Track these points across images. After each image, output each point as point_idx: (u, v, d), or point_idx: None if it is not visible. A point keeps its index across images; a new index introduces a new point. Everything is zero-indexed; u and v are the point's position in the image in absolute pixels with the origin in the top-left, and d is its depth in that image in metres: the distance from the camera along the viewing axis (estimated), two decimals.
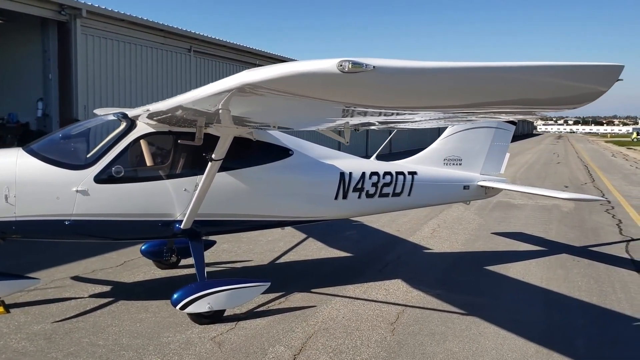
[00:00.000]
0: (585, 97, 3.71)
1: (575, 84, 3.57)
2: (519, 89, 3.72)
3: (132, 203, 6.49)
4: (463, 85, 3.68)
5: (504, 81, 3.60)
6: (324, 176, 7.64)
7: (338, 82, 3.52)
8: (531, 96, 3.95)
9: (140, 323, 6.34)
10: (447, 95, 3.93)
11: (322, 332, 6.19)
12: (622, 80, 3.42)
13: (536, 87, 3.68)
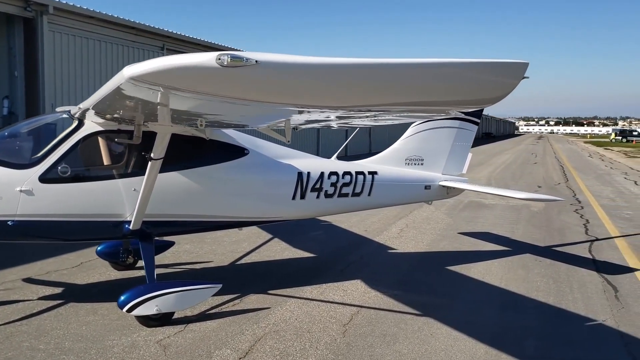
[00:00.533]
0: (491, 94, 3.64)
1: (481, 81, 3.50)
2: (416, 87, 3.63)
3: (79, 203, 6.33)
4: (356, 83, 3.57)
5: (398, 79, 3.52)
6: (281, 176, 7.54)
7: (218, 76, 3.43)
8: (430, 94, 3.87)
9: (86, 326, 6.19)
10: (339, 93, 3.81)
11: (272, 335, 6.10)
12: (528, 78, 3.37)
13: (438, 84, 3.59)
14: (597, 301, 7.49)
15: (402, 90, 3.66)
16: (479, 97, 3.72)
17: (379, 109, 4.28)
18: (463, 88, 3.59)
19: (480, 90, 3.58)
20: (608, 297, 7.70)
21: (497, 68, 3.37)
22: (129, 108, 4.77)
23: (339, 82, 3.51)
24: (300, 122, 5.75)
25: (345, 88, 3.63)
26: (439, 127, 9.18)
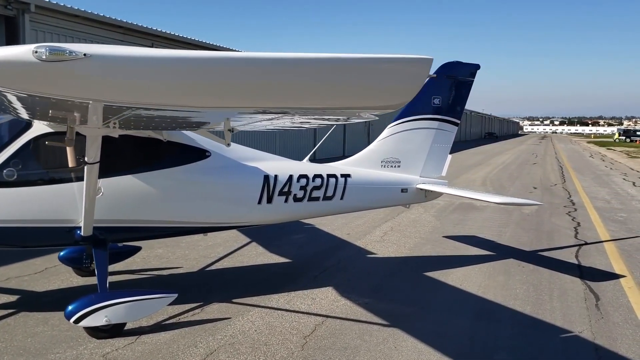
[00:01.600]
0: (393, 94, 3.24)
1: (379, 79, 3.14)
2: (290, 87, 3.20)
3: (27, 208, 6.03)
4: (206, 80, 3.17)
5: (276, 77, 3.11)
6: (246, 179, 7.22)
7: (37, 72, 3.00)
8: (309, 97, 3.45)
9: (32, 338, 5.89)
10: (188, 91, 3.35)
11: (227, 347, 5.78)
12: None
13: (321, 84, 3.18)
14: (576, 310, 7.15)
15: (265, 92, 3.26)
16: (378, 99, 3.35)
17: (241, 110, 3.82)
18: (355, 88, 3.21)
19: (379, 90, 3.21)
20: (588, 306, 7.35)
21: (397, 65, 3.02)
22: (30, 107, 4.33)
23: (185, 79, 3.12)
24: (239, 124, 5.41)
25: (193, 86, 3.24)
26: (416, 128, 8.85)
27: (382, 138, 8.83)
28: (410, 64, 3.02)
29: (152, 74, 3.14)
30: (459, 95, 8.99)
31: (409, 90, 3.12)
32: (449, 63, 8.90)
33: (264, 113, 4.06)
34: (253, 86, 3.22)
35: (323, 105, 3.49)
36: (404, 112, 8.94)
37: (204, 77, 3.11)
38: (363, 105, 3.53)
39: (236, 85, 3.21)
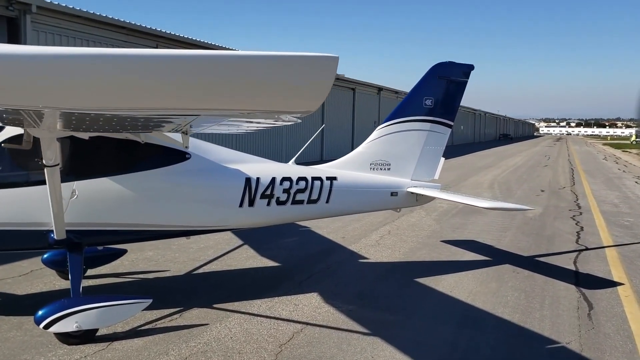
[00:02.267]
0: (299, 96, 3.07)
1: (278, 81, 2.95)
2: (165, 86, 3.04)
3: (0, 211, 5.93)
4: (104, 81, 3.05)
5: (152, 76, 3.00)
6: (226, 181, 7.07)
7: None
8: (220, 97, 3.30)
9: (3, 342, 5.79)
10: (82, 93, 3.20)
11: (198, 355, 5.63)
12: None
13: (228, 84, 3.06)
14: (566, 320, 6.90)
15: (142, 94, 3.10)
16: (284, 101, 3.17)
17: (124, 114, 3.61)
18: (257, 90, 3.04)
19: (279, 92, 3.04)
20: (580, 315, 7.09)
21: (298, 64, 2.84)
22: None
23: (78, 78, 2.95)
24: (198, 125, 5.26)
25: (88, 86, 3.10)
26: (407, 129, 8.64)
27: (371, 140, 8.64)
28: (316, 63, 2.85)
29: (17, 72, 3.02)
30: (452, 96, 8.76)
31: (318, 91, 2.95)
32: (441, 63, 8.69)
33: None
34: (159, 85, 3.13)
35: (223, 107, 3.34)
36: (394, 113, 8.75)
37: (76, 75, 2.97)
38: (270, 108, 3.37)
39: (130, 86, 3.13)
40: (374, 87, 43.16)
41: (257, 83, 3.02)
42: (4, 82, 2.95)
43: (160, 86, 3.12)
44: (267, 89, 3.08)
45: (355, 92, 39.44)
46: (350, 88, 38.64)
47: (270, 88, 3.06)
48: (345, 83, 37.25)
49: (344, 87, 37.58)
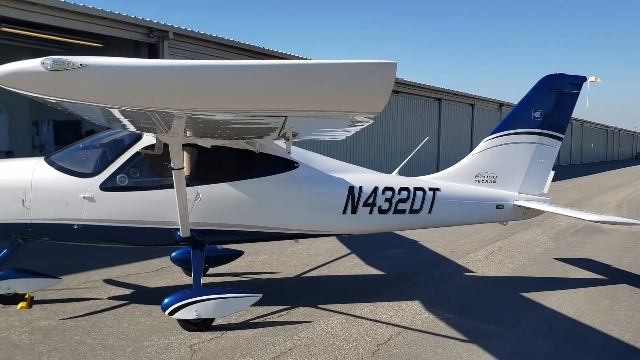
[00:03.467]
0: (363, 99, 3.45)
1: (344, 84, 3.27)
2: (269, 93, 3.53)
3: (135, 210, 6.85)
4: (201, 85, 3.71)
5: (245, 82, 3.58)
6: (331, 189, 7.53)
7: (46, 80, 3.71)
8: (277, 100, 3.88)
9: (135, 326, 6.64)
10: (182, 98, 3.91)
11: (301, 348, 6.09)
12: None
13: (288, 89, 3.64)
14: None
15: (237, 95, 3.58)
16: (352, 102, 3.49)
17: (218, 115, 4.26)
18: (329, 93, 3.40)
19: (351, 94, 3.36)
20: None
21: (363, 70, 3.15)
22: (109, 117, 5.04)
23: (173, 84, 3.54)
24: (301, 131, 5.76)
25: (179, 91, 3.80)
26: (514, 142, 8.59)
27: (477, 152, 8.69)
28: (378, 68, 3.18)
29: (134, 80, 3.76)
30: (562, 108, 8.59)
31: (382, 92, 3.31)
32: (551, 75, 8.57)
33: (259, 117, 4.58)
34: (235, 89, 3.83)
35: (305, 109, 3.79)
36: (501, 125, 8.75)
37: (173, 82, 3.59)
38: (342, 109, 3.77)
39: (222, 89, 3.82)
40: (494, 102, 42.07)
41: (331, 87, 3.46)
42: (146, 87, 3.72)
43: (258, 90, 3.75)
44: (339, 91, 3.52)
45: (474, 107, 38.75)
46: (469, 104, 38.06)
47: (342, 90, 3.50)
48: (463, 99, 36.77)
49: (463, 103, 37.10)
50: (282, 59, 21.77)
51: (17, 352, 5.79)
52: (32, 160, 7.10)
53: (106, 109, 4.18)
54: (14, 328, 6.46)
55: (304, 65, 3.77)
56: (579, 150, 65.07)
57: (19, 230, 6.82)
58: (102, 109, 4.23)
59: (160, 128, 5.02)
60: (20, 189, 6.66)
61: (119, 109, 4.17)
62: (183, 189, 6.26)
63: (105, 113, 4.46)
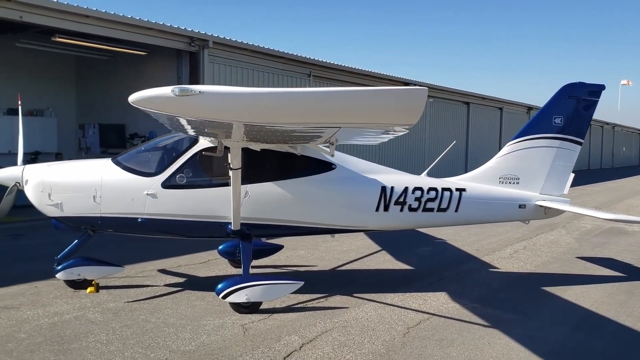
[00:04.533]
0: (403, 114, 4.69)
1: (389, 105, 4.12)
2: (332, 111, 4.72)
3: (192, 206, 7.73)
4: (281, 107, 4.89)
5: (315, 104, 4.79)
6: (365, 189, 8.28)
7: (175, 102, 4.80)
8: (343, 117, 4.98)
9: (192, 308, 7.51)
10: (268, 114, 5.07)
11: (339, 329, 6.86)
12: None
13: (347, 109, 4.76)
14: None
15: (316, 113, 4.49)
16: (394, 117, 4.37)
17: (293, 124, 5.42)
18: (374, 110, 4.27)
19: (390, 112, 4.21)
20: None
21: (400, 94, 4.00)
22: (178, 125, 6.07)
23: (267, 107, 4.44)
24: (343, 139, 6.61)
25: (272, 111, 4.99)
26: (536, 146, 9.22)
27: (501, 155, 9.34)
28: (411, 93, 4.07)
29: (237, 102, 4.93)
30: (581, 115, 9.19)
31: (415, 111, 4.24)
32: (571, 84, 9.18)
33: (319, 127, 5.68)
34: (308, 108, 4.93)
35: (355, 120, 4.74)
36: (525, 130, 9.38)
37: (271, 104, 4.55)
38: (384, 122, 4.72)
39: (298, 108, 4.93)
40: (523, 106, 42.26)
41: (377, 106, 4.33)
42: (243, 107, 4.92)
43: (327, 108, 4.88)
44: (381, 109, 4.40)
45: (503, 110, 39.06)
46: (497, 107, 38.40)
47: (383, 109, 4.39)
48: (492, 102, 37.12)
49: (491, 107, 37.45)
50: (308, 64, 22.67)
51: (94, 327, 6.69)
52: (101, 161, 8.04)
53: (215, 122, 5.31)
54: (88, 308, 7.38)
55: (362, 90, 4.90)
56: (610, 154, 64.44)
57: (91, 222, 7.75)
58: (210, 122, 5.38)
59: (224, 134, 5.96)
60: (92, 187, 7.59)
61: (222, 122, 5.20)
62: (238, 187, 7.10)
63: (210, 125, 5.64)
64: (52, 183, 7.65)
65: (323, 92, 5.05)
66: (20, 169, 7.94)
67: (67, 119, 22.54)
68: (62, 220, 7.86)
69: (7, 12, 13.75)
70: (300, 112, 5.10)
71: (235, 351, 6.08)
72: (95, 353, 5.90)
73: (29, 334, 6.41)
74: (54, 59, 21.15)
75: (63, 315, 7.06)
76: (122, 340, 6.27)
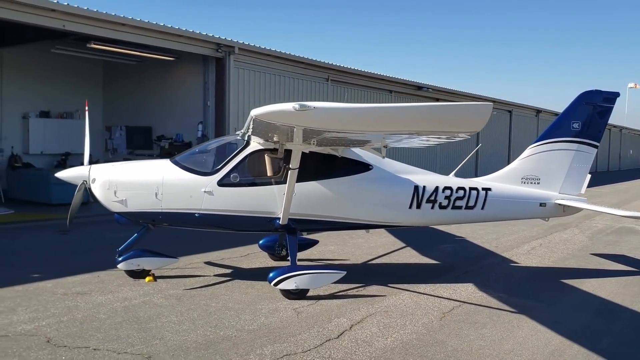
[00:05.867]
0: (471, 123, 5.74)
1: (462, 116, 4.98)
2: (414, 122, 5.72)
3: (244, 202, 8.51)
4: (374, 120, 5.93)
5: (402, 116, 5.80)
6: (399, 188, 9.04)
7: (295, 116, 5.78)
8: (424, 126, 6.00)
9: (245, 295, 8.29)
10: (367, 124, 6.11)
11: (382, 313, 7.62)
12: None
13: (428, 120, 5.80)
14: None
15: (401, 124, 5.30)
16: (463, 127, 5.27)
17: (384, 133, 6.52)
18: (448, 121, 5.15)
19: (462, 122, 5.07)
20: None
21: (469, 108, 4.88)
22: (265, 132, 6.88)
23: (364, 119, 5.33)
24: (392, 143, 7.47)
25: (368, 122, 6.09)
26: (556, 149, 9.96)
27: (523, 157, 10.09)
28: (479, 107, 4.92)
29: (341, 117, 5.83)
30: (597, 120, 9.94)
31: (481, 121, 5.09)
32: (588, 91, 9.92)
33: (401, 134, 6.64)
34: (395, 120, 5.80)
35: (431, 129, 5.62)
36: (545, 134, 10.13)
37: (367, 117, 5.42)
38: (453, 130, 5.64)
39: (388, 120, 5.78)
40: (531, 109, 42.96)
41: (450, 118, 5.19)
42: (347, 121, 5.97)
43: (403, 121, 5.91)
44: (454, 120, 5.25)
45: (512, 113, 39.79)
46: (507, 110, 39.10)
47: (453, 120, 5.26)
48: (501, 105, 37.83)
49: (501, 110, 38.15)
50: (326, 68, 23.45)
51: (162, 310, 7.48)
52: (160, 162, 8.86)
53: (320, 130, 6.33)
54: (152, 294, 8.17)
55: (440, 105, 6.00)
56: (617, 157, 64.99)
57: (152, 217, 8.55)
58: (316, 130, 6.39)
59: (286, 138, 6.85)
60: (155, 185, 8.39)
61: (327, 131, 6.17)
62: (293, 186, 7.88)
63: (313, 133, 6.66)
64: (118, 181, 8.45)
65: (408, 107, 5.91)
66: (87, 168, 8.73)
67: (94, 121, 23.30)
68: (125, 215, 8.66)
69: (52, 22, 14.61)
70: (389, 123, 6.04)
71: (293, 330, 6.86)
72: (171, 331, 6.69)
73: (108, 315, 7.21)
74: (82, 63, 22.02)
75: (132, 300, 7.85)
76: (192, 321, 7.06)
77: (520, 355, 6.26)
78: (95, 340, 6.30)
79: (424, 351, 6.31)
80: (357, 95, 25.26)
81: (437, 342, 6.60)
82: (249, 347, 6.25)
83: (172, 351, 6.06)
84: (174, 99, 21.09)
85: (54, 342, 6.21)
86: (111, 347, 6.09)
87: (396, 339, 6.66)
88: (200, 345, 6.24)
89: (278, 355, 6.03)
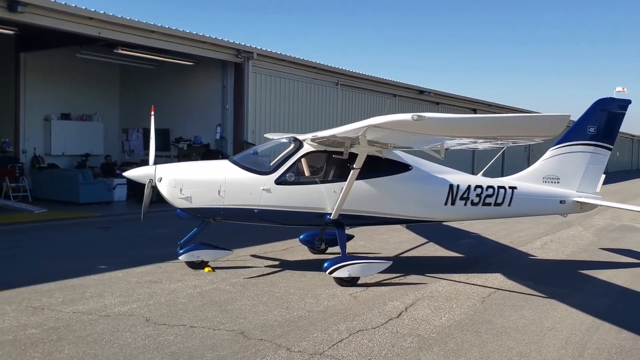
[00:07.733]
0: (549, 131, 6.72)
1: (540, 125, 6.03)
2: (505, 129, 6.76)
3: (298, 199, 9.36)
4: (472, 127, 6.91)
5: (495, 125, 6.75)
6: (436, 187, 9.95)
7: (411, 125, 6.65)
8: (512, 132, 7.19)
9: (301, 282, 9.12)
10: (466, 131, 7.09)
11: (428, 297, 8.51)
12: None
13: (512, 128, 6.94)
14: None
15: (494, 131, 6.29)
16: (542, 133, 6.28)
17: (478, 138, 7.50)
18: (529, 130, 6.19)
19: (541, 129, 6.08)
20: None
21: (548, 119, 5.85)
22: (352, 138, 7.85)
23: (465, 127, 6.30)
24: (450, 145, 8.34)
25: (465, 129, 6.97)
26: (574, 151, 10.93)
27: (545, 159, 11.06)
28: (556, 118, 5.87)
29: (452, 125, 6.88)
30: (611, 125, 10.93)
31: (558, 129, 6.01)
32: (603, 99, 10.91)
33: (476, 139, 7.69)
34: (490, 128, 6.91)
35: (511, 134, 6.66)
36: (564, 138, 11.10)
37: (468, 125, 6.35)
38: (532, 135, 6.69)
39: (484, 128, 6.94)
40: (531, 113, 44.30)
41: (535, 125, 6.14)
42: (448, 128, 7.03)
43: (496, 128, 6.93)
44: (537, 128, 6.19)
45: None
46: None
47: (539, 128, 6.18)
48: (497, 110, 39.04)
49: (497, 113, 39.38)
50: (336, 73, 24.32)
51: (233, 295, 8.30)
52: (221, 162, 9.69)
53: (426, 135, 7.43)
54: (216, 283, 8.98)
55: (525, 116, 6.86)
56: None
57: (214, 213, 9.37)
58: (426, 137, 7.56)
59: (352, 142, 7.79)
60: (217, 183, 9.20)
61: (433, 136, 7.10)
62: (352, 183, 8.75)
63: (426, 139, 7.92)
64: (183, 180, 9.25)
65: (503, 117, 6.88)
66: (153, 168, 9.51)
67: (112, 123, 24.08)
68: (189, 211, 9.46)
69: (88, 29, 15.35)
70: (484, 130, 6.96)
71: (356, 311, 7.71)
72: (250, 312, 7.51)
73: (187, 299, 8.01)
74: (101, 67, 22.70)
75: (202, 287, 8.66)
76: (264, 304, 7.89)
77: (561, 332, 7.18)
78: (187, 319, 7.11)
79: (477, 328, 7.20)
80: (364, 99, 26.19)
81: (485, 321, 7.49)
82: (324, 324, 7.10)
83: (259, 328, 6.88)
84: (192, 102, 21.85)
85: (152, 320, 7.00)
86: (205, 325, 6.90)
87: (450, 319, 7.54)
88: (281, 323, 7.08)
89: (352, 331, 6.88)
